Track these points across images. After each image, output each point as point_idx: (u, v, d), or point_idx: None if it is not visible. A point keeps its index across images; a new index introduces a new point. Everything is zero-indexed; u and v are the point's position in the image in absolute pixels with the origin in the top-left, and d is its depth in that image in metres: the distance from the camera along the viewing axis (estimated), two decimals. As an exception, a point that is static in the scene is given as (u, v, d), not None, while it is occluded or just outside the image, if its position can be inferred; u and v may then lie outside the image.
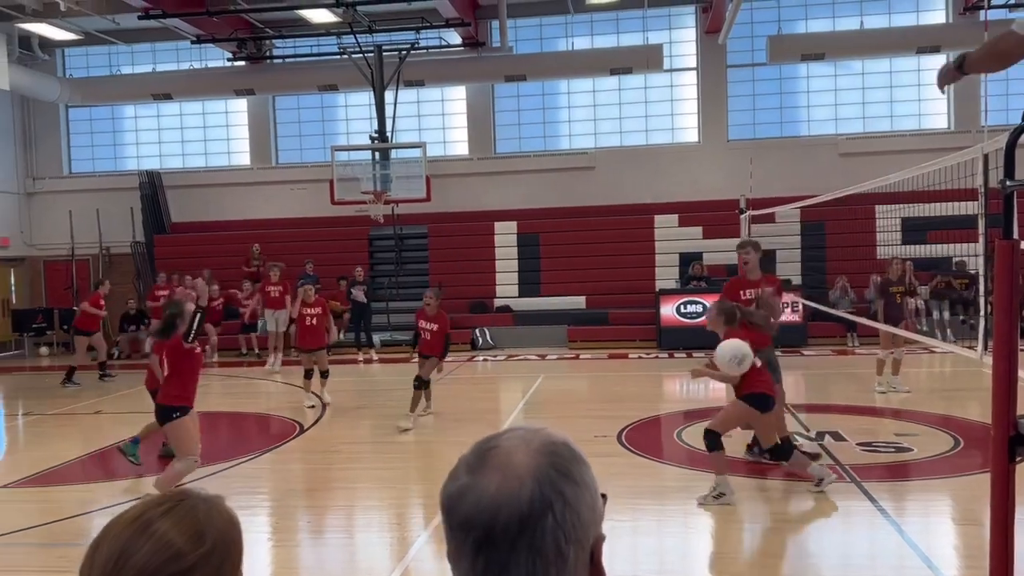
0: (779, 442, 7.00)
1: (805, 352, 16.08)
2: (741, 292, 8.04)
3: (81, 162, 22.21)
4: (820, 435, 8.99)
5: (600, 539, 1.08)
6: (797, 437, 8.01)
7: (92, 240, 21.03)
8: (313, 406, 11.43)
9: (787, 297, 16.09)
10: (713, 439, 6.83)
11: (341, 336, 15.29)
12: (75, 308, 17.13)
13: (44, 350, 20.14)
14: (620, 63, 19.01)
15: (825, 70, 19.86)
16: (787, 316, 16.61)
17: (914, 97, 19.71)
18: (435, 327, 10.12)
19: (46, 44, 20.27)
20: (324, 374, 11.80)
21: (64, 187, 21.56)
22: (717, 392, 13.10)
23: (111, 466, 9.33)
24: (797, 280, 17.88)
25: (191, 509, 1.16)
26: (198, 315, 6.68)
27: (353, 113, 21.23)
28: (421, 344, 10.31)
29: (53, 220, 21.33)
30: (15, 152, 21.43)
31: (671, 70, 20.02)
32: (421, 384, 10.25)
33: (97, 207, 20.85)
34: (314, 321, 11.69)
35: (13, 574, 5.95)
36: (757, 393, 6.82)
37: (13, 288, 21.29)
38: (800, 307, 16.43)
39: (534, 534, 1.01)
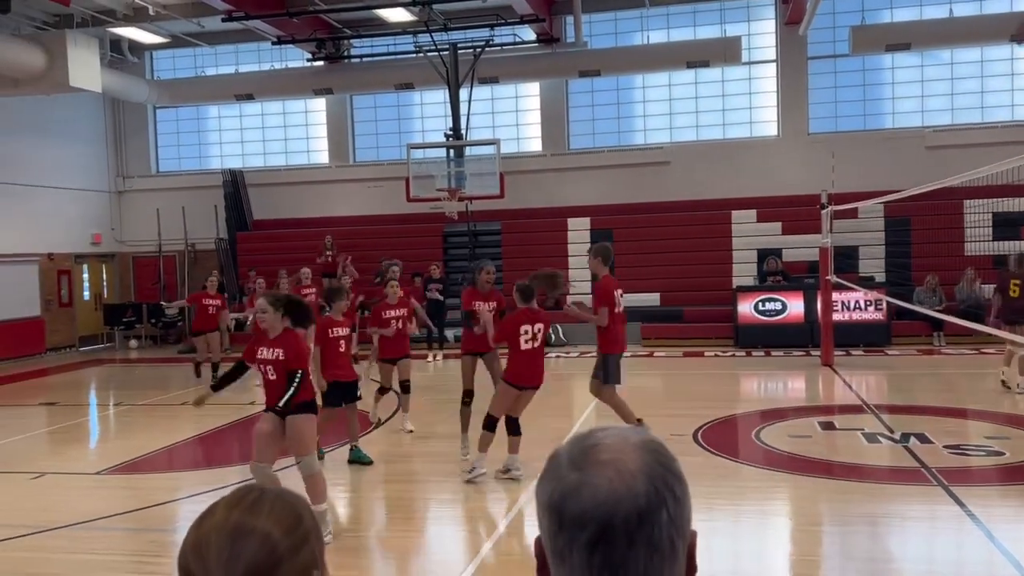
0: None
1: (889, 351, 15.62)
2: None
3: (168, 161, 22.96)
4: (905, 437, 8.71)
5: (695, 535, 1.08)
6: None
7: (178, 237, 21.74)
8: (412, 431, 9.83)
9: (870, 295, 15.68)
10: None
11: (417, 331, 15.30)
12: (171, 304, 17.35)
13: (133, 343, 20.90)
14: (697, 56, 18.73)
15: (911, 60, 19.21)
16: (871, 314, 16.19)
17: (1007, 87, 18.92)
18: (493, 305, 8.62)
19: (135, 47, 21.01)
20: (406, 387, 9.88)
21: (152, 185, 22.33)
22: (796, 392, 12.83)
23: (196, 455, 9.64)
24: (880, 277, 17.37)
25: (278, 494, 1.19)
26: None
27: (428, 111, 21.44)
28: (469, 340, 8.42)
29: (141, 218, 22.11)
30: (106, 152, 22.28)
31: (749, 63, 19.64)
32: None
33: (183, 205, 21.54)
34: (399, 325, 9.72)
35: (107, 556, 6.20)
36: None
37: (105, 283, 22.16)
38: (884, 305, 15.96)
39: (652, 529, 1.01)
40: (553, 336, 17.92)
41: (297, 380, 5.91)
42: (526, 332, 7.37)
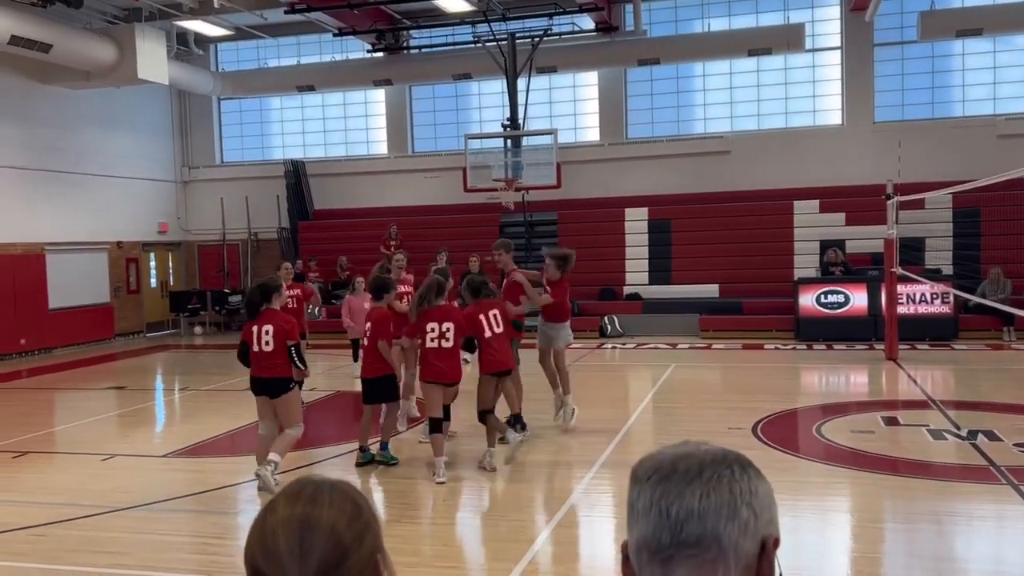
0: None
1: (956, 346, 15.20)
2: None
3: (231, 152, 23.41)
4: (972, 434, 8.47)
5: (773, 538, 1.14)
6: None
7: (241, 226, 22.18)
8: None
9: (936, 288, 15.26)
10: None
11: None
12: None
13: (198, 329, 21.40)
14: (759, 44, 18.40)
15: (982, 46, 18.58)
16: (936, 308, 15.77)
17: (1085, 73, 18.20)
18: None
19: (200, 40, 21.43)
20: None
21: (216, 176, 22.80)
22: (858, 387, 12.57)
23: (256, 440, 9.83)
24: (947, 270, 16.89)
25: (334, 484, 1.20)
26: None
27: (486, 101, 21.46)
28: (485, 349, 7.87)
29: (206, 207, 22.61)
30: (173, 143, 22.82)
31: (813, 50, 19.22)
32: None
33: (246, 195, 21.96)
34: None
35: (170, 537, 6.37)
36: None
37: (171, 271, 22.73)
38: (951, 299, 15.52)
39: (712, 476, 1.11)
40: (609, 326, 17.85)
41: None
42: (433, 330, 7.48)
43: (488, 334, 7.74)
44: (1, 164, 17.23)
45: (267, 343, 7.07)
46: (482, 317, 7.74)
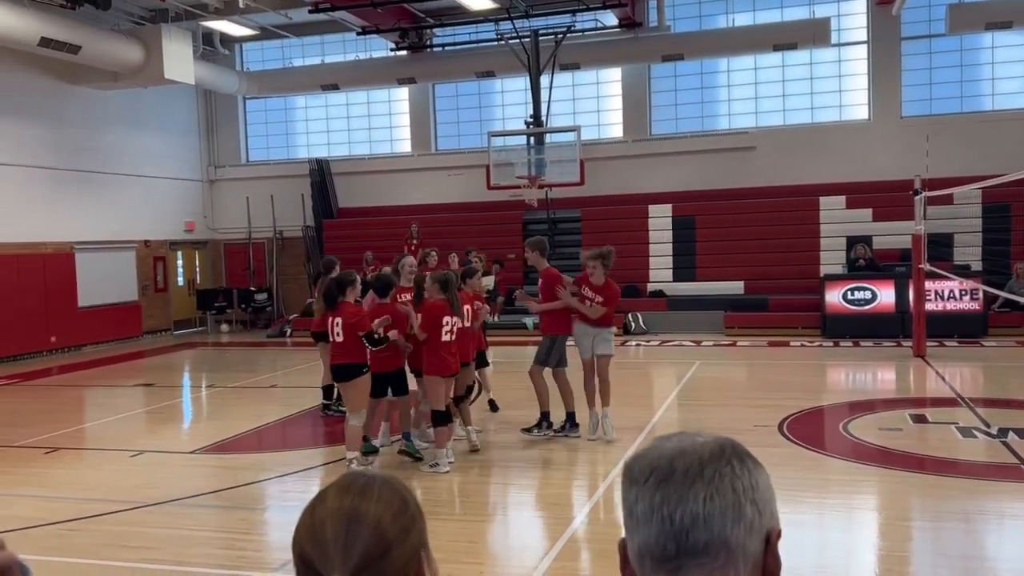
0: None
1: (985, 343, 15.01)
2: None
3: (257, 151, 23.58)
4: (1002, 432, 8.37)
5: (776, 531, 1.10)
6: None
7: (267, 225, 22.34)
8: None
9: (965, 284, 15.08)
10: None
11: (496, 318, 15.25)
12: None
13: (224, 327, 21.59)
14: (784, 39, 18.26)
15: (1013, 39, 18.31)
16: (966, 305, 15.58)
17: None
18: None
19: (226, 40, 21.60)
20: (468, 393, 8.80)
21: (242, 175, 22.98)
22: (886, 384, 12.46)
23: (283, 436, 9.93)
24: (976, 266, 16.69)
25: (386, 479, 1.23)
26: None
27: (509, 99, 21.47)
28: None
29: (232, 206, 22.79)
30: (199, 142, 23.03)
31: (839, 44, 19.04)
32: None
33: (271, 193, 22.12)
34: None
35: (199, 532, 6.45)
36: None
37: (198, 269, 22.94)
38: (980, 295, 15.33)
39: (713, 475, 1.06)
40: (633, 324, 17.80)
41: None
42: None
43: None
44: (32, 164, 17.48)
45: (338, 334, 7.54)
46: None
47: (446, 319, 7.63)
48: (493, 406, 10.09)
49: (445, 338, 7.63)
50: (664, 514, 1.05)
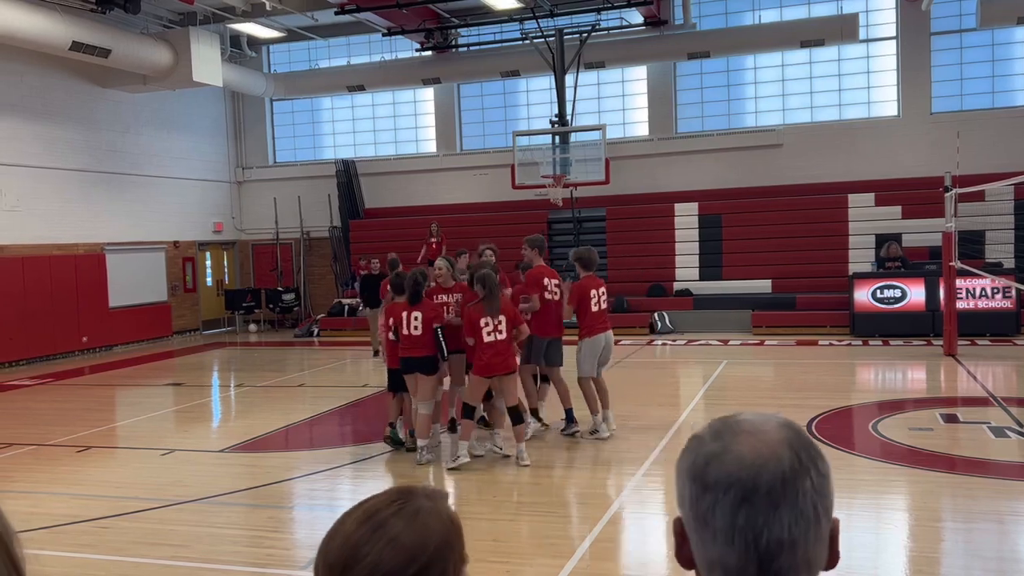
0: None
1: (1018, 341, 14.79)
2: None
3: (284, 152, 23.76)
4: (1035, 432, 8.24)
5: (838, 523, 1.10)
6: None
7: (294, 225, 22.51)
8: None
9: (997, 282, 14.87)
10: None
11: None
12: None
13: (253, 327, 21.78)
14: (811, 35, 18.09)
15: (1046, 32, 18.03)
16: (998, 302, 15.36)
17: None
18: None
19: (253, 42, 21.79)
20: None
21: (269, 176, 23.16)
22: (916, 383, 12.31)
23: (311, 435, 10.00)
24: (1009, 264, 16.44)
25: (418, 511, 1.18)
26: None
27: (534, 98, 21.46)
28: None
29: (259, 207, 22.99)
30: (227, 144, 23.24)
31: (867, 40, 18.84)
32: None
33: (298, 194, 22.28)
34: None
35: (228, 530, 6.51)
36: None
37: (226, 270, 23.16)
38: (1013, 293, 15.11)
39: (796, 495, 1.03)
40: (659, 323, 17.73)
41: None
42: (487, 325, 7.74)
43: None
44: (63, 167, 17.74)
45: (416, 328, 7.93)
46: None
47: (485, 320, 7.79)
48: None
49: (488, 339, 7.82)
50: (748, 538, 1.02)
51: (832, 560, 1.08)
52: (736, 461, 1.04)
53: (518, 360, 8.23)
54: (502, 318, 7.73)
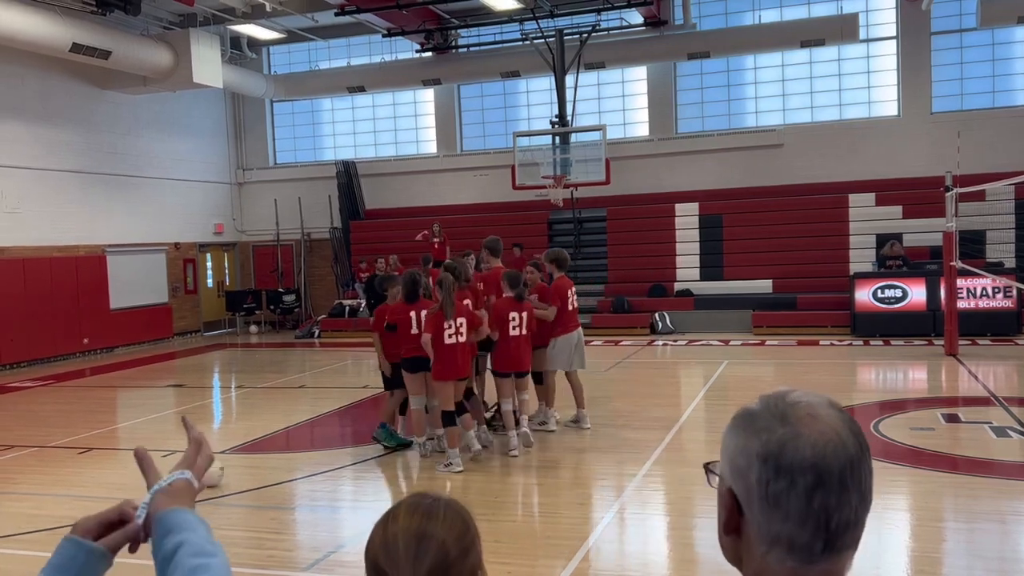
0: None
1: (1019, 341, 14.78)
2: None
3: (284, 153, 23.76)
4: (1037, 431, 8.24)
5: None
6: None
7: (295, 226, 22.51)
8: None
9: (998, 281, 14.86)
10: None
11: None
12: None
13: (253, 328, 21.78)
14: (812, 35, 18.09)
15: (1046, 32, 18.02)
16: (999, 302, 15.36)
17: None
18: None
19: (253, 43, 21.80)
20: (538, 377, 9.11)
21: (269, 177, 23.16)
22: (917, 383, 12.31)
23: (312, 437, 10.00)
24: (1010, 263, 16.43)
25: (449, 502, 1.40)
26: None
27: (534, 99, 21.46)
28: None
29: (260, 208, 22.99)
30: (227, 145, 23.25)
31: (867, 40, 18.84)
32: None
33: (299, 195, 22.29)
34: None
35: (231, 532, 6.50)
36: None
37: (227, 271, 23.16)
38: (1014, 292, 15.10)
39: (861, 476, 1.12)
40: (660, 323, 17.72)
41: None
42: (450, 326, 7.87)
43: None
44: (63, 168, 17.74)
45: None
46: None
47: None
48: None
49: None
50: (821, 519, 1.10)
51: None
52: (810, 447, 1.10)
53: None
54: (462, 320, 7.85)
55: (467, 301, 8.24)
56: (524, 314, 8.23)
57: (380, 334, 8.49)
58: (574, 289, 9.16)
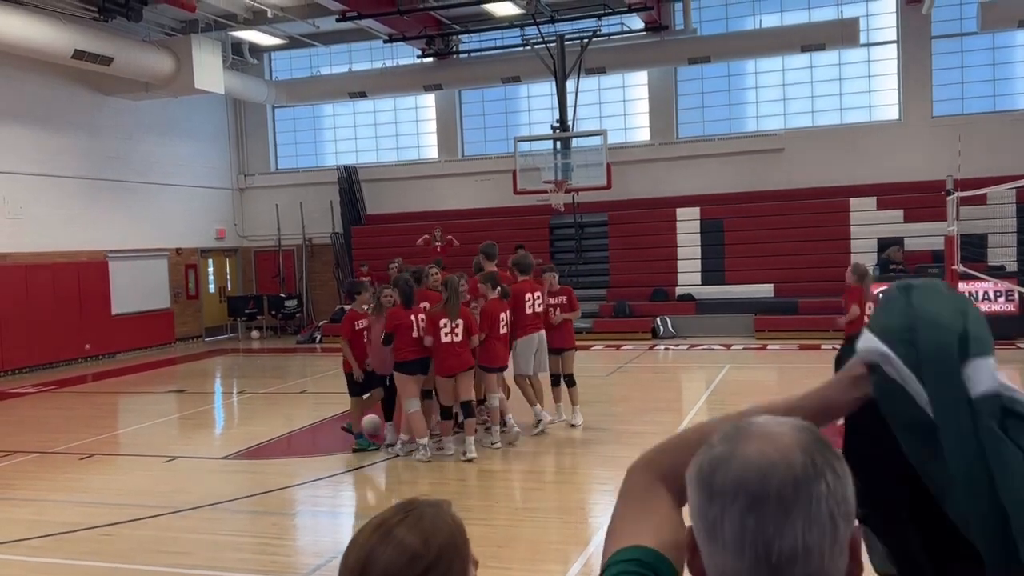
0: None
1: (1021, 345, 14.77)
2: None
3: (286, 159, 23.80)
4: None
5: (858, 531, 1.01)
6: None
7: (296, 232, 22.53)
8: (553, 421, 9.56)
9: (1000, 285, 14.85)
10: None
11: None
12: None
13: (255, 334, 21.78)
14: (812, 39, 18.11)
15: (1047, 36, 18.03)
16: (1000, 306, 15.34)
17: None
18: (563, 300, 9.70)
19: (255, 49, 21.84)
20: (570, 380, 9.71)
21: (271, 183, 23.20)
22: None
23: (313, 442, 10.00)
24: (1011, 267, 16.43)
25: (421, 516, 1.35)
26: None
27: (535, 104, 21.49)
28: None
29: (262, 213, 23.02)
30: (229, 151, 23.29)
31: (868, 44, 18.86)
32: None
33: (300, 201, 22.32)
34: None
35: (232, 537, 6.51)
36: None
37: (228, 276, 23.18)
38: (1016, 296, 15.09)
39: (809, 500, 0.94)
40: (661, 328, 17.72)
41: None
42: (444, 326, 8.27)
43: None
44: (65, 174, 17.78)
45: (423, 330, 8.20)
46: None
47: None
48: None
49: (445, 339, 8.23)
50: (759, 549, 0.94)
51: (854, 571, 0.99)
52: (742, 466, 0.96)
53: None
54: (460, 322, 8.20)
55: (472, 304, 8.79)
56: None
57: (349, 340, 8.78)
58: (538, 293, 9.38)
